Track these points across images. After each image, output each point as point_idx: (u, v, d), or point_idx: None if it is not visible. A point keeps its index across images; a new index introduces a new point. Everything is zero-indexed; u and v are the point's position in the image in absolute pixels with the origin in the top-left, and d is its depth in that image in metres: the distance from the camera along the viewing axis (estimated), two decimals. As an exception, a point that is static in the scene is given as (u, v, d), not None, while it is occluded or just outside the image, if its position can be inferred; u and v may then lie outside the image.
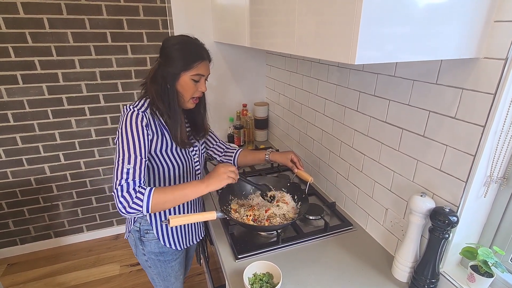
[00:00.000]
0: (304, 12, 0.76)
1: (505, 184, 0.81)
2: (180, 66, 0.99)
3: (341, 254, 1.10)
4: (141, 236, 1.14)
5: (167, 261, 1.20)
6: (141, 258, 1.20)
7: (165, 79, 1.00)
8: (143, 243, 1.15)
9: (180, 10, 1.77)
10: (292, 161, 1.30)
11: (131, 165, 0.91)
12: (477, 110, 0.75)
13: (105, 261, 2.29)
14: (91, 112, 2.17)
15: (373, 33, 0.58)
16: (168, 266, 1.22)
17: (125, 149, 0.92)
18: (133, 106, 0.99)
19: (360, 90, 1.16)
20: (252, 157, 1.36)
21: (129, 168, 0.91)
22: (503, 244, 0.85)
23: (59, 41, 1.93)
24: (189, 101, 1.05)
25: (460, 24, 0.67)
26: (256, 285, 0.93)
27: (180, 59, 0.98)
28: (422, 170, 0.93)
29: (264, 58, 2.09)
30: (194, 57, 0.99)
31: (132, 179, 0.90)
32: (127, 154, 0.92)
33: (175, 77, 0.99)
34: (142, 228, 1.13)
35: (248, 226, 1.17)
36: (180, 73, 0.99)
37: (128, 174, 0.90)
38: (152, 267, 1.21)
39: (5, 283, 2.10)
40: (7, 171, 2.12)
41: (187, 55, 0.99)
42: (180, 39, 1.02)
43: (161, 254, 1.18)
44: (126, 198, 0.88)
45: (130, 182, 0.90)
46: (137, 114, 0.97)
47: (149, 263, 1.20)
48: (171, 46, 1.00)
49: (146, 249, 1.16)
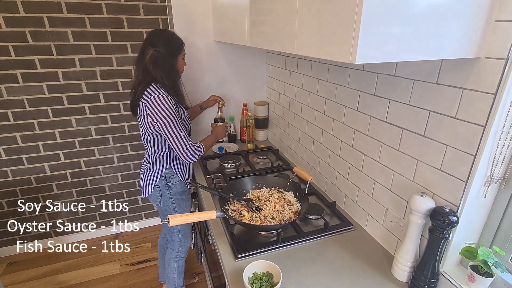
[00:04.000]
0: (305, 12, 0.76)
1: (505, 184, 0.81)
2: (177, 50, 1.38)
3: (341, 253, 1.10)
4: (167, 182, 1.48)
5: (186, 198, 1.59)
6: (167, 203, 1.52)
7: (170, 63, 1.36)
8: (170, 187, 1.49)
9: (180, 9, 1.77)
10: (213, 99, 1.82)
11: (182, 133, 1.33)
12: (477, 110, 0.75)
13: (105, 260, 2.29)
14: (91, 111, 2.16)
15: (374, 32, 0.58)
16: (187, 203, 1.60)
17: (174, 125, 1.31)
18: (157, 91, 1.31)
19: (361, 89, 1.15)
20: (192, 111, 1.84)
21: (184, 135, 1.34)
22: (503, 244, 0.85)
23: (59, 40, 1.93)
24: (180, 75, 1.46)
25: (461, 23, 0.67)
26: (256, 284, 0.93)
27: (176, 45, 1.38)
28: (422, 170, 0.93)
29: (265, 58, 2.08)
30: (181, 42, 1.41)
31: (190, 142, 1.36)
32: (178, 127, 1.32)
33: (174, 59, 1.37)
34: (168, 176, 1.48)
35: (248, 226, 1.17)
36: (177, 55, 1.38)
37: (186, 138, 1.35)
38: (176, 209, 1.55)
39: (5, 281, 2.10)
40: (7, 170, 2.12)
41: (178, 42, 1.39)
42: (167, 31, 1.40)
43: (183, 193, 1.56)
44: (193, 153, 1.36)
45: (189, 146, 1.35)
46: (165, 96, 1.30)
47: (175, 204, 1.54)
48: (167, 37, 1.35)
49: (172, 191, 1.51)
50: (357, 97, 1.18)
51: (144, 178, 1.49)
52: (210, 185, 1.57)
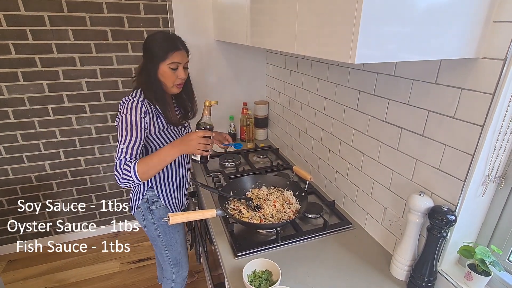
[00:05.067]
0: (305, 11, 0.76)
1: (503, 183, 0.82)
2: (158, 57, 1.13)
3: (340, 252, 1.11)
4: (149, 205, 1.29)
5: (173, 226, 1.35)
6: (151, 229, 1.33)
7: (148, 71, 1.15)
8: (152, 212, 1.30)
9: (181, 8, 1.77)
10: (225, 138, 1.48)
11: (125, 145, 1.08)
12: (476, 109, 0.75)
13: (105, 258, 2.30)
14: (92, 109, 2.17)
15: (373, 32, 0.59)
16: (175, 231, 1.38)
17: (123, 132, 1.09)
18: (132, 97, 1.14)
19: (360, 89, 1.16)
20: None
21: (122, 148, 1.08)
22: (500, 243, 0.86)
23: (60, 38, 1.93)
24: (173, 87, 1.19)
25: (460, 24, 0.67)
26: (255, 282, 0.93)
27: (157, 51, 1.13)
28: (421, 169, 0.94)
29: (265, 57, 2.09)
30: (168, 48, 1.13)
31: (124, 157, 1.08)
32: (124, 136, 1.09)
33: (155, 67, 1.14)
34: (150, 199, 1.28)
35: (247, 224, 1.17)
36: (159, 63, 1.13)
37: (122, 152, 1.08)
38: (161, 236, 1.35)
39: (5, 279, 2.10)
40: (8, 168, 2.13)
41: (162, 47, 1.13)
42: (158, 35, 1.16)
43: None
44: (118, 172, 1.07)
45: (122, 159, 1.08)
46: (136, 103, 1.12)
47: (159, 231, 1.34)
48: (149, 42, 1.15)
49: (155, 217, 1.31)
50: (356, 97, 1.18)
51: (131, 194, 1.33)
52: (210, 184, 1.58)
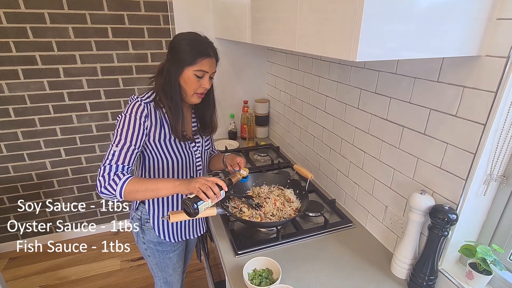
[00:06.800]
0: (306, 9, 0.76)
1: (505, 182, 0.81)
2: (185, 60, 1.00)
3: (341, 251, 1.11)
4: (141, 224, 1.16)
5: (165, 251, 1.22)
6: (141, 247, 1.23)
7: (170, 73, 1.01)
8: (143, 231, 1.18)
9: (182, 6, 1.76)
10: (235, 163, 1.22)
11: (118, 148, 0.94)
12: (478, 108, 0.75)
13: (106, 256, 2.30)
14: (92, 107, 2.17)
15: (375, 30, 0.58)
16: (166, 257, 1.24)
17: (118, 134, 0.96)
18: (139, 97, 1.02)
19: (361, 87, 1.15)
20: (214, 160, 1.32)
21: (115, 151, 0.94)
22: (502, 242, 0.86)
23: (60, 36, 1.93)
24: (193, 96, 1.05)
25: (463, 21, 0.66)
26: (256, 280, 0.93)
27: (185, 54, 0.99)
28: (422, 168, 0.93)
29: (266, 55, 2.08)
30: (198, 53, 1.00)
31: (115, 162, 0.93)
32: (118, 138, 0.96)
33: (178, 71, 1.01)
34: (143, 217, 1.15)
35: (248, 222, 1.17)
36: (184, 67, 1.00)
37: (113, 156, 0.94)
38: (151, 257, 1.23)
39: (6, 276, 2.11)
40: (8, 166, 2.13)
41: (192, 51, 1.00)
42: (189, 35, 1.03)
43: (160, 244, 1.19)
44: (104, 179, 0.91)
45: (113, 165, 0.93)
46: (139, 104, 1.00)
47: (148, 252, 1.22)
48: (178, 41, 1.02)
49: (145, 237, 1.18)
50: (358, 95, 1.18)
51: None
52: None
